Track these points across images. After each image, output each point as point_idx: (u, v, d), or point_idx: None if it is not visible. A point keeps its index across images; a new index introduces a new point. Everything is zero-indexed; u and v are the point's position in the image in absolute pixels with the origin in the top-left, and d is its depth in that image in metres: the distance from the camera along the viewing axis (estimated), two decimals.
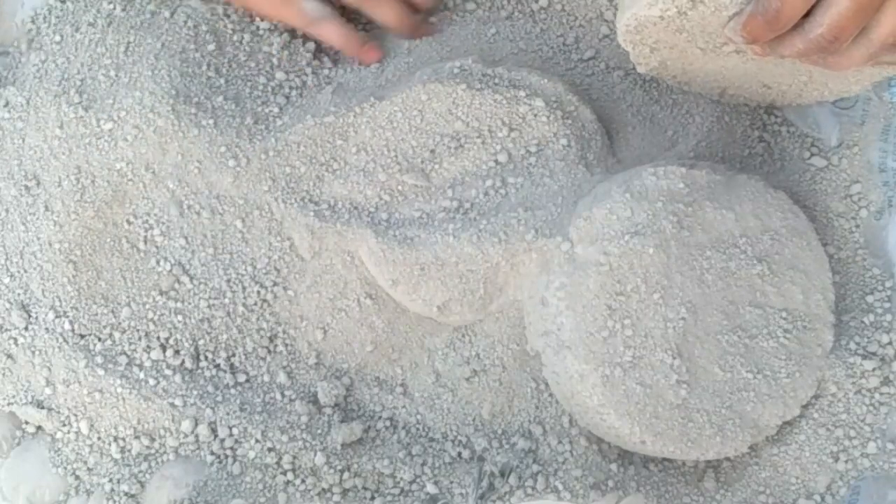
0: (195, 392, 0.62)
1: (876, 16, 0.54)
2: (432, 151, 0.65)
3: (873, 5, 0.53)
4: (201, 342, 0.63)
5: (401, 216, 0.64)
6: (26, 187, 0.64)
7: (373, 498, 0.62)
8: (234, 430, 0.61)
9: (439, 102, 0.65)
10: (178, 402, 0.61)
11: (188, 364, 0.63)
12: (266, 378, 0.63)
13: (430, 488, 0.62)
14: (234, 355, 0.64)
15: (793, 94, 0.68)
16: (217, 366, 0.63)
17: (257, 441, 0.61)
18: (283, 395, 0.63)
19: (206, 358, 0.63)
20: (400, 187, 0.65)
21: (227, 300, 0.63)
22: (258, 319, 0.64)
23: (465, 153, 0.65)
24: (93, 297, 0.63)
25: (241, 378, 0.63)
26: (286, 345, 0.64)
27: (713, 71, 0.66)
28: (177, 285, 0.64)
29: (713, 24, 0.60)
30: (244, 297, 0.64)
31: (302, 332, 0.64)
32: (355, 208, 0.64)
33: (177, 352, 0.63)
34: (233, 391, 0.63)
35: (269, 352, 0.64)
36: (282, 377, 0.63)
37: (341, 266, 0.64)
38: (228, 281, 0.64)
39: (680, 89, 0.70)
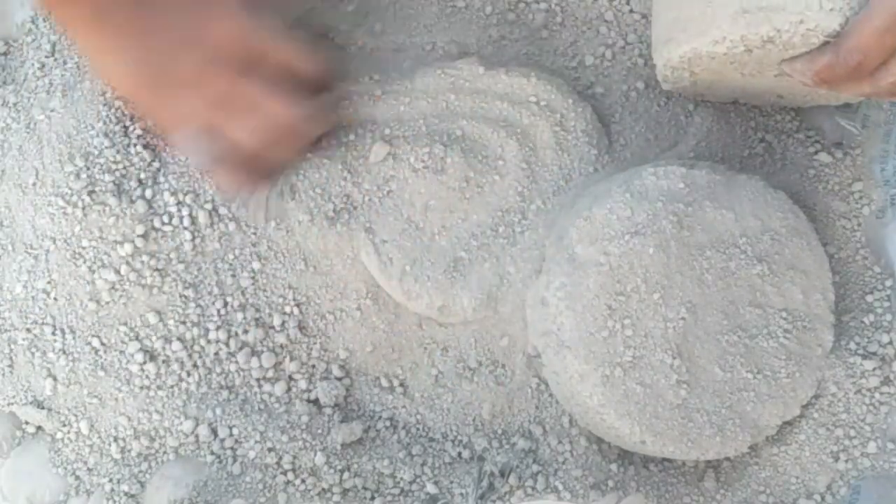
0: (196, 392, 0.62)
1: None
2: None
3: None
4: (202, 341, 0.63)
5: None
6: (31, 184, 0.64)
7: (373, 498, 0.62)
8: (235, 430, 0.61)
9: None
10: (178, 402, 0.61)
11: (188, 363, 0.63)
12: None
13: (430, 488, 0.62)
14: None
15: (801, 100, 0.68)
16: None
17: (257, 441, 0.61)
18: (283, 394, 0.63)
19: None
20: None
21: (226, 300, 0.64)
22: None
23: None
24: (94, 296, 0.63)
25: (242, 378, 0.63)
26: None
27: (737, 87, 0.65)
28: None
29: (772, 58, 0.59)
30: (244, 298, 0.64)
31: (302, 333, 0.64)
32: (355, 209, 0.64)
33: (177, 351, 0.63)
34: (233, 391, 0.63)
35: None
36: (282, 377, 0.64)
37: (342, 267, 0.64)
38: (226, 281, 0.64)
39: None
